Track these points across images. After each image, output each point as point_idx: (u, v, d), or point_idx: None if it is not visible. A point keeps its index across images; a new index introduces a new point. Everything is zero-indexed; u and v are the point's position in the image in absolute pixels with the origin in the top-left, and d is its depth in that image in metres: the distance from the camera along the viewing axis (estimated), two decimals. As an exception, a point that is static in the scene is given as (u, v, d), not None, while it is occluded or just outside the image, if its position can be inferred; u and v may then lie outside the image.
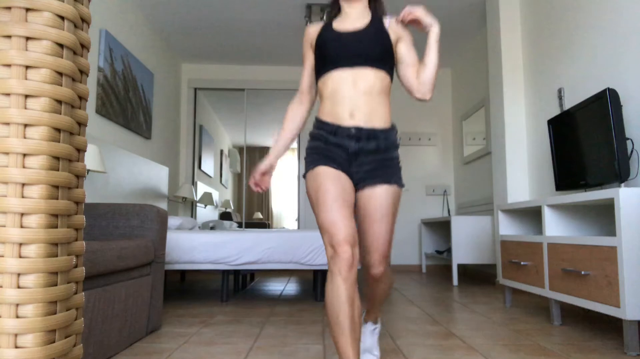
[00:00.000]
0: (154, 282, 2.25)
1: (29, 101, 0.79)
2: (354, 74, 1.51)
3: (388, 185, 1.52)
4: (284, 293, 3.67)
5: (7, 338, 0.75)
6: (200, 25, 4.65)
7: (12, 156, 0.77)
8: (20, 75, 0.79)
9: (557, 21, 3.15)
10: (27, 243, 0.77)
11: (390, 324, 2.43)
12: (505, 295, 3.04)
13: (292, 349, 1.95)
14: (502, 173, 3.63)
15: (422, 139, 5.73)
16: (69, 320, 0.83)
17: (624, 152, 2.17)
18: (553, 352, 1.89)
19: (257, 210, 7.79)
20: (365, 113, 1.51)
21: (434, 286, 4.10)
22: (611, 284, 1.91)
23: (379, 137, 1.52)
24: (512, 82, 3.63)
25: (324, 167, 1.49)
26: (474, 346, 1.98)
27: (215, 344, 2.03)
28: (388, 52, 1.56)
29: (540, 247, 2.50)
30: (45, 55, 0.80)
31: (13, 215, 0.77)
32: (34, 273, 0.77)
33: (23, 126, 0.78)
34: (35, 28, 0.79)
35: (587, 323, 2.47)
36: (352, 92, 1.51)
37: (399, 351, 1.90)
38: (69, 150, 0.84)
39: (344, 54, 1.52)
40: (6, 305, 0.76)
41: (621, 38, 2.49)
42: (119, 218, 2.25)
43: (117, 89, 3.73)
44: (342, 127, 1.51)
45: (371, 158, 1.52)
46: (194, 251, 3.12)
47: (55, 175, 0.80)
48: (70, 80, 0.85)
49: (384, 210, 1.52)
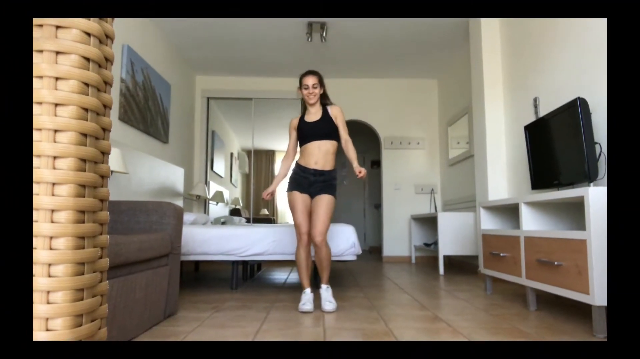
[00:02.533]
0: (171, 272, 2.26)
1: (58, 109, 0.79)
2: (319, 144, 2.56)
3: (327, 194, 2.52)
4: (287, 281, 3.68)
5: (39, 321, 0.75)
6: (213, 41, 4.65)
7: (43, 158, 0.77)
8: (51, 85, 0.79)
9: (532, 38, 3.15)
10: (57, 236, 0.77)
11: (383, 309, 2.43)
12: (486, 283, 3.04)
13: (295, 331, 1.95)
14: (483, 174, 3.63)
15: (411, 143, 5.73)
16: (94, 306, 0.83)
17: (593, 154, 2.17)
18: (529, 334, 1.89)
19: (263, 207, 7.79)
20: (321, 164, 2.55)
21: (422, 275, 4.11)
22: (581, 273, 1.91)
23: (325, 174, 2.56)
24: (492, 92, 3.63)
25: (296, 191, 2.55)
26: (458, 329, 1.98)
27: (226, 327, 2.03)
28: (334, 130, 2.58)
29: (518, 240, 2.50)
30: (73, 68, 0.80)
31: (44, 211, 0.77)
32: (63, 264, 0.77)
33: (53, 131, 0.78)
34: (64, 43, 0.79)
35: (559, 309, 2.47)
36: (316, 152, 2.56)
37: (390, 334, 1.90)
38: (95, 153, 0.84)
39: (311, 135, 2.56)
40: (38, 292, 0.76)
41: (589, 52, 2.49)
42: (140, 214, 2.25)
43: (138, 98, 3.73)
44: (309, 168, 2.55)
45: (320, 183, 2.54)
46: (206, 244, 3.12)
47: (82, 175, 0.80)
48: (95, 90, 0.85)
49: (323, 207, 2.48)
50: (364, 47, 4.78)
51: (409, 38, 4.56)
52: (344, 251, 3.19)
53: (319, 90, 2.59)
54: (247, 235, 3.17)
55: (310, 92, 2.56)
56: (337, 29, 4.35)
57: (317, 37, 4.52)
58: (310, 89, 2.56)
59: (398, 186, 5.71)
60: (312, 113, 2.62)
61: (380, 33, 4.44)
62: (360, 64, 5.29)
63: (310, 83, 2.56)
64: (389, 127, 5.77)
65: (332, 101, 2.72)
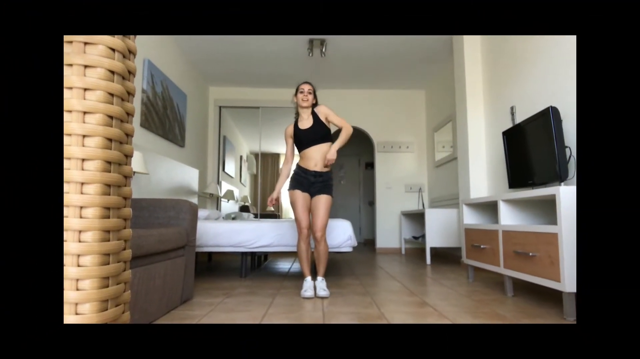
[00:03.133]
0: (186, 262, 2.26)
1: (86, 116, 0.79)
2: (316, 148, 2.57)
3: (325, 194, 2.55)
4: (291, 271, 3.67)
5: (69, 306, 0.75)
6: (224, 56, 4.65)
7: (73, 161, 0.77)
8: (80, 95, 0.79)
9: (509, 54, 3.15)
10: (85, 230, 0.77)
11: (376, 295, 2.43)
12: (468, 272, 3.04)
13: (298, 315, 1.95)
14: (465, 174, 3.63)
15: (401, 147, 5.73)
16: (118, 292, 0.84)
17: (564, 157, 2.17)
18: (506, 317, 1.89)
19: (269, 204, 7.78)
20: (320, 166, 2.57)
21: (411, 265, 4.10)
22: (553, 263, 1.91)
23: (323, 176, 2.58)
24: (473, 101, 3.63)
25: (297, 190, 2.56)
26: (443, 313, 1.98)
27: (236, 311, 2.03)
28: (327, 132, 2.59)
29: (497, 234, 2.50)
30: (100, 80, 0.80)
31: (74, 208, 0.77)
32: (91, 255, 0.77)
33: (82, 137, 0.78)
34: (91, 58, 0.79)
35: (534, 295, 2.47)
36: (315, 155, 2.57)
37: (383, 317, 1.90)
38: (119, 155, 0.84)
39: (308, 141, 2.57)
40: (68, 280, 0.76)
41: (559, 66, 2.49)
42: (159, 211, 2.25)
43: (157, 107, 3.73)
44: (309, 170, 2.57)
45: (319, 184, 2.56)
46: (218, 237, 3.12)
47: (107, 176, 0.80)
48: (119, 99, 0.85)
49: (322, 206, 2.51)
50: (359, 61, 4.78)
51: (399, 53, 4.55)
52: (342, 244, 3.19)
53: (312, 98, 2.64)
54: (255, 229, 3.16)
55: (305, 96, 2.62)
56: (336, 45, 4.35)
57: (318, 53, 4.52)
58: (305, 93, 2.63)
59: (390, 186, 5.71)
60: (305, 119, 2.62)
61: (374, 49, 4.44)
62: (356, 76, 5.29)
63: (306, 89, 2.64)
64: (381, 133, 5.76)
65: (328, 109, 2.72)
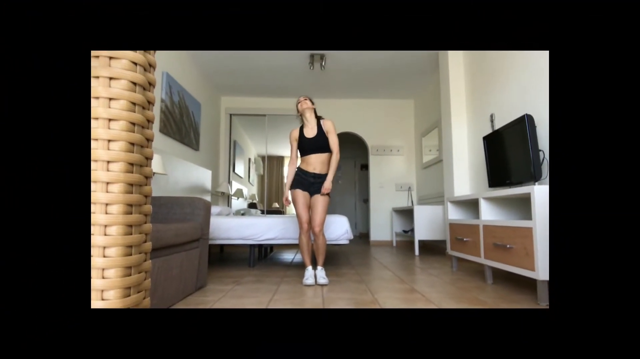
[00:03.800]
0: (201, 253, 2.25)
1: (111, 123, 0.79)
2: (316, 156, 2.55)
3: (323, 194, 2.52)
4: (294, 261, 3.67)
5: (96, 293, 0.75)
6: (235, 69, 4.65)
7: (99, 162, 0.78)
8: (105, 104, 0.79)
9: (488, 67, 3.15)
10: (110, 225, 0.77)
11: (370, 283, 2.43)
12: (452, 262, 3.04)
13: (300, 301, 1.95)
14: (450, 175, 3.63)
15: (392, 150, 5.72)
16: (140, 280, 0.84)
17: (538, 159, 2.17)
18: (486, 303, 1.89)
19: (274, 201, 7.79)
20: (318, 169, 2.55)
21: (401, 256, 4.10)
22: (528, 254, 1.91)
23: (322, 177, 2.55)
24: (457, 109, 3.63)
25: (298, 189, 2.54)
26: (430, 299, 1.98)
27: (245, 297, 2.03)
28: (327, 144, 2.56)
29: (478, 228, 2.49)
30: (123, 91, 0.80)
31: (100, 204, 0.77)
32: (115, 246, 0.77)
33: (107, 141, 0.78)
34: (116, 71, 0.80)
35: (511, 282, 2.47)
36: (315, 161, 2.55)
37: (376, 302, 1.90)
38: (140, 158, 0.84)
39: (311, 149, 2.55)
40: (95, 269, 0.76)
41: (532, 77, 2.48)
42: (176, 207, 2.25)
43: (175, 115, 3.73)
44: (309, 172, 2.55)
45: (318, 185, 2.53)
46: (229, 231, 3.12)
47: (130, 176, 0.80)
48: (141, 108, 0.85)
49: (320, 204, 2.50)
50: (355, 74, 4.78)
51: (391, 66, 4.55)
52: (339, 237, 3.19)
53: (309, 102, 2.64)
54: (262, 223, 3.16)
55: (303, 102, 2.64)
56: (334, 59, 4.35)
57: (318, 66, 4.52)
58: (302, 101, 2.66)
59: (382, 185, 5.71)
60: (310, 128, 2.58)
61: (369, 63, 4.44)
62: (352, 87, 5.29)
63: (302, 98, 2.66)
64: (374, 138, 5.76)
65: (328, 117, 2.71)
